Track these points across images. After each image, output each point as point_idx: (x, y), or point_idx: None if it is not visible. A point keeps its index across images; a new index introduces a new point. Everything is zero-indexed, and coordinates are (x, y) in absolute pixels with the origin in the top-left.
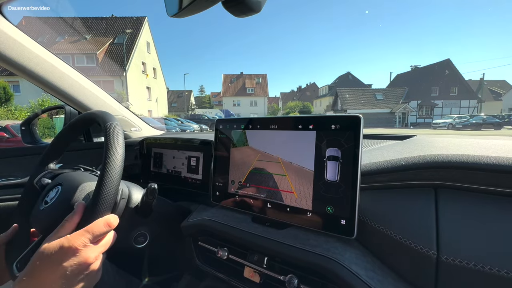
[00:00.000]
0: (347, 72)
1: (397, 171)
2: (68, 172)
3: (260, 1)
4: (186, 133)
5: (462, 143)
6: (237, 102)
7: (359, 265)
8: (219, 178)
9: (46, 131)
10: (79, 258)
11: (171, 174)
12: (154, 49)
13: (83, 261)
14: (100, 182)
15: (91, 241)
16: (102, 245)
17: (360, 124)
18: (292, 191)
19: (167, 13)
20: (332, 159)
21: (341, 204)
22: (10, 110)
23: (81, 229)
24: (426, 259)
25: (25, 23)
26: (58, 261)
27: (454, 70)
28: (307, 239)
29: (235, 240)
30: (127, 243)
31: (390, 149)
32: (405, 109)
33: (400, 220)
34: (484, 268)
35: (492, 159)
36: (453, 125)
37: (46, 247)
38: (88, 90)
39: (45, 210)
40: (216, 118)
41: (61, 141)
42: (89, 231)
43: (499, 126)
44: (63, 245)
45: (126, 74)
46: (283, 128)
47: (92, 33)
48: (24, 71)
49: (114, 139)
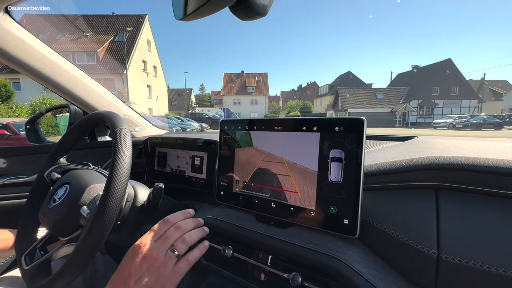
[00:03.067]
0: (348, 71)
1: (398, 172)
2: (77, 169)
3: (266, 5)
4: (189, 133)
5: (462, 145)
6: (238, 100)
7: (362, 263)
8: (224, 178)
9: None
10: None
11: (175, 173)
12: (154, 47)
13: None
14: (107, 191)
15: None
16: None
17: (363, 126)
18: (296, 191)
19: (174, 17)
20: (335, 160)
21: (344, 204)
22: (11, 107)
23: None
24: (427, 258)
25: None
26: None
27: (455, 70)
28: (310, 238)
29: (240, 239)
30: (133, 241)
31: (391, 150)
32: (405, 109)
33: (401, 220)
34: (483, 267)
35: (491, 161)
36: (453, 125)
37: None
38: (93, 90)
39: (53, 209)
40: (217, 117)
41: (71, 138)
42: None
43: (500, 126)
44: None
45: (126, 72)
46: (287, 130)
47: (92, 31)
48: (31, 71)
49: (122, 148)
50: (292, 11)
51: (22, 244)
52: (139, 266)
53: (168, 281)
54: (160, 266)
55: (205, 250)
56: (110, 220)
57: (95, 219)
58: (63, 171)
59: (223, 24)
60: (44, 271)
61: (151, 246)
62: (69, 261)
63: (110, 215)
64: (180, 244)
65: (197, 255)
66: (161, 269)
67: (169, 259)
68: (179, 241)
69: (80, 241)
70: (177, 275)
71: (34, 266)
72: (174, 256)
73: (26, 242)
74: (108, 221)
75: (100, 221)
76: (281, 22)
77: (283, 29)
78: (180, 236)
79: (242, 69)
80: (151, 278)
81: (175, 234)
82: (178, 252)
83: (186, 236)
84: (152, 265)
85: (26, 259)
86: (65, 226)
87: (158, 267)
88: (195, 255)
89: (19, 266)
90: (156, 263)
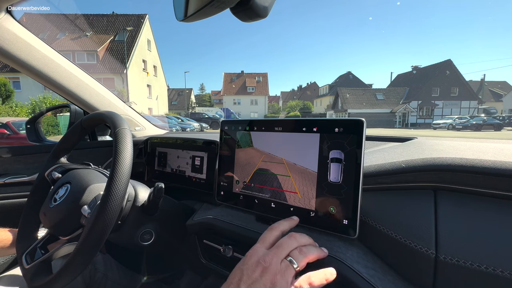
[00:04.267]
0: (348, 71)
1: (398, 173)
2: (77, 168)
3: (267, 6)
4: (189, 133)
5: (461, 147)
6: (238, 100)
7: (361, 263)
8: (224, 178)
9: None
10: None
11: (175, 173)
12: (154, 46)
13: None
14: (108, 190)
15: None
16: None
17: (363, 127)
18: (296, 192)
19: (176, 18)
20: (335, 161)
21: (344, 205)
22: (11, 107)
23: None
24: (425, 258)
25: (26, 19)
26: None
27: (455, 71)
28: None
29: (240, 239)
30: (133, 241)
31: (391, 151)
32: (405, 109)
33: (400, 221)
34: (480, 267)
35: (489, 162)
36: (453, 125)
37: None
38: (94, 90)
39: (54, 208)
40: (217, 117)
41: (72, 137)
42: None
43: (499, 127)
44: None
45: (126, 71)
46: (287, 130)
47: (93, 30)
48: (32, 71)
49: (123, 148)
50: (293, 12)
51: (22, 243)
52: (252, 271)
53: None
54: (276, 274)
55: (332, 279)
56: (111, 219)
57: (96, 219)
58: (64, 170)
59: (223, 24)
60: (44, 270)
61: (265, 253)
62: (70, 260)
63: (111, 214)
64: (298, 254)
65: (322, 277)
66: (278, 278)
67: (286, 268)
68: (295, 251)
69: (81, 240)
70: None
71: (34, 265)
72: (292, 267)
73: (27, 241)
74: (109, 221)
75: (102, 220)
76: (281, 23)
77: (284, 30)
78: (297, 247)
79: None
80: (265, 286)
81: (291, 243)
82: (297, 264)
83: (304, 248)
84: (266, 272)
85: (26, 258)
86: (66, 225)
87: (274, 274)
88: (321, 279)
89: (20, 265)
90: (271, 270)
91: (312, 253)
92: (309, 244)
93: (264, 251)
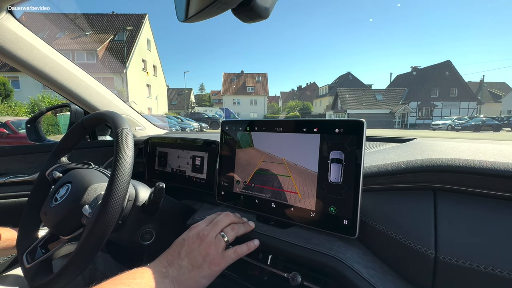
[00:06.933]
0: (348, 72)
1: (397, 174)
2: (78, 168)
3: (268, 7)
4: (189, 133)
5: (460, 148)
6: (237, 100)
7: (361, 263)
8: (224, 178)
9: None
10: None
11: (176, 173)
12: (154, 46)
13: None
14: (109, 190)
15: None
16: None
17: (363, 128)
18: (296, 192)
19: (177, 18)
20: (335, 161)
21: (344, 205)
22: (10, 106)
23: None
24: (424, 258)
25: (25, 18)
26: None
27: (454, 72)
28: (310, 238)
29: (240, 238)
30: (133, 240)
31: (391, 152)
32: (404, 110)
33: (400, 221)
34: (479, 267)
35: (488, 163)
36: (452, 126)
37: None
38: (94, 90)
39: (54, 208)
40: (216, 117)
41: (73, 137)
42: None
43: (498, 128)
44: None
45: (126, 71)
46: (288, 131)
47: (92, 30)
48: (33, 70)
49: (124, 148)
50: (293, 12)
51: (23, 242)
52: (192, 242)
53: (214, 263)
54: (210, 245)
55: (254, 248)
56: (112, 219)
57: (97, 218)
58: (64, 170)
59: (223, 24)
60: (45, 269)
61: (204, 228)
62: (71, 260)
63: (112, 214)
64: (229, 230)
65: (245, 250)
66: (211, 248)
67: (219, 241)
68: (228, 228)
69: (83, 239)
70: (224, 261)
71: (35, 264)
72: (223, 241)
73: (28, 240)
74: (110, 221)
75: (103, 220)
76: (281, 23)
77: (284, 30)
78: (229, 224)
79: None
80: (200, 254)
81: (225, 220)
82: (227, 238)
83: (236, 226)
84: (203, 243)
85: (27, 257)
86: (67, 225)
87: (209, 245)
88: (243, 249)
89: (21, 265)
90: (206, 242)
91: (241, 227)
92: (239, 222)
93: (203, 226)
